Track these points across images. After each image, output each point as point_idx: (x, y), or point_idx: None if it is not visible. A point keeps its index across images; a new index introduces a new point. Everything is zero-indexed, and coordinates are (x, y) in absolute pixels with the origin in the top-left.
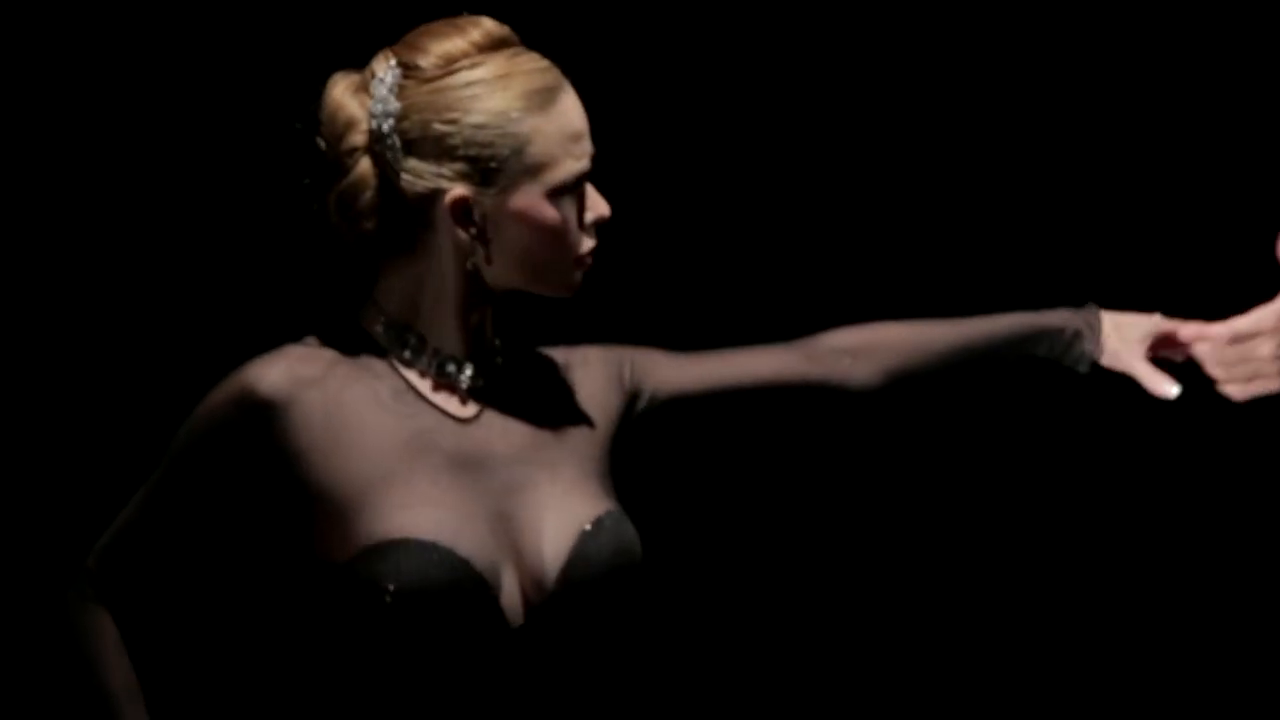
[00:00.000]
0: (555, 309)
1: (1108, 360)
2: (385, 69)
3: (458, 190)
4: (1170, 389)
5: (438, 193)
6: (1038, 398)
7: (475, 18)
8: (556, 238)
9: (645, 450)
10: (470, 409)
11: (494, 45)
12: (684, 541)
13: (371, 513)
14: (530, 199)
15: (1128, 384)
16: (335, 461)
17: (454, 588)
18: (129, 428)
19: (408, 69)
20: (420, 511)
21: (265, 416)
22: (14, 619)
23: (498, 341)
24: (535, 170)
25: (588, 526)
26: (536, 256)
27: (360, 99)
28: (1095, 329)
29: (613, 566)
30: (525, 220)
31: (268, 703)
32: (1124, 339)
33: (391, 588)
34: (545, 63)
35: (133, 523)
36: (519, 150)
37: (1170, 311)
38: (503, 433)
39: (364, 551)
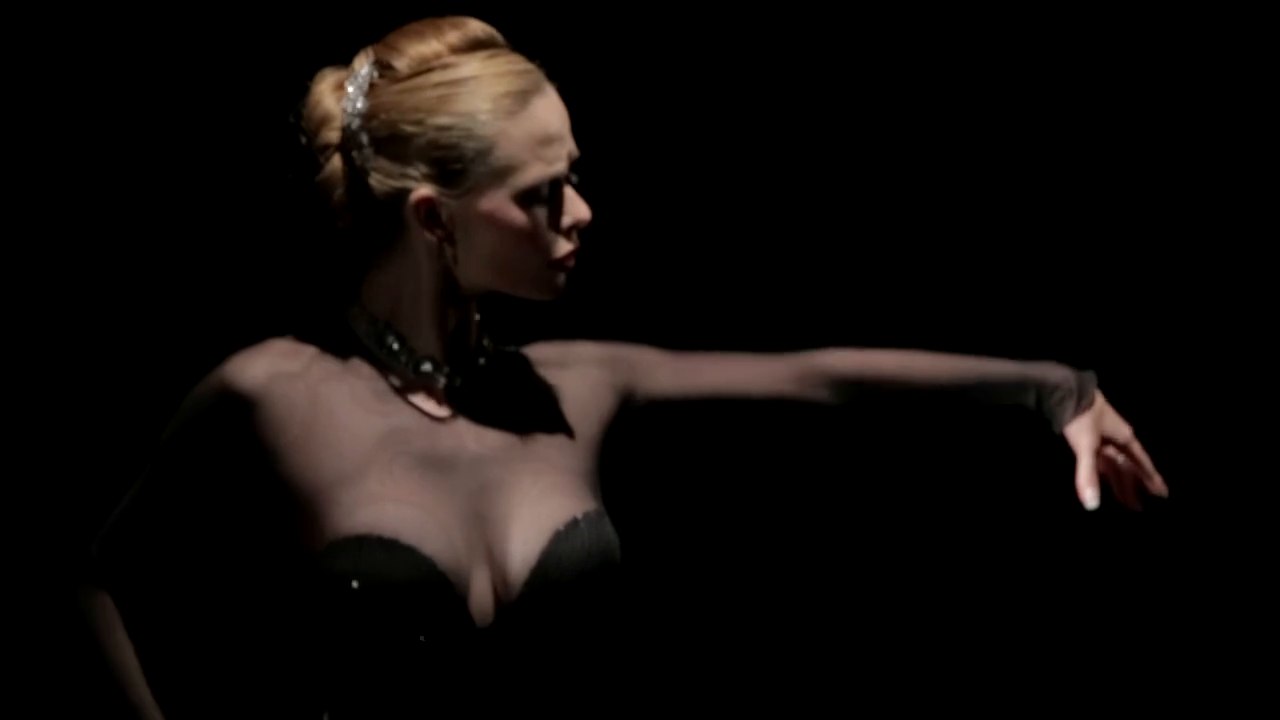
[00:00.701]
0: (546, 308)
1: (1071, 429)
2: (363, 68)
3: (422, 191)
4: (1092, 499)
5: (405, 193)
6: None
7: (459, 19)
8: (525, 241)
9: (635, 451)
10: (448, 408)
11: (471, 47)
12: (673, 544)
13: (341, 508)
14: (497, 202)
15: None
16: (310, 456)
17: (416, 585)
18: (130, 420)
19: (383, 68)
20: (387, 508)
21: (244, 410)
22: (24, 605)
23: (486, 340)
24: (502, 174)
25: (561, 527)
26: (507, 259)
27: (338, 96)
28: (1086, 397)
29: (587, 568)
30: (492, 223)
31: (250, 690)
32: (1093, 424)
33: (355, 583)
34: (523, 65)
35: (128, 512)
36: (484, 153)
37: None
38: (481, 432)
39: (330, 545)
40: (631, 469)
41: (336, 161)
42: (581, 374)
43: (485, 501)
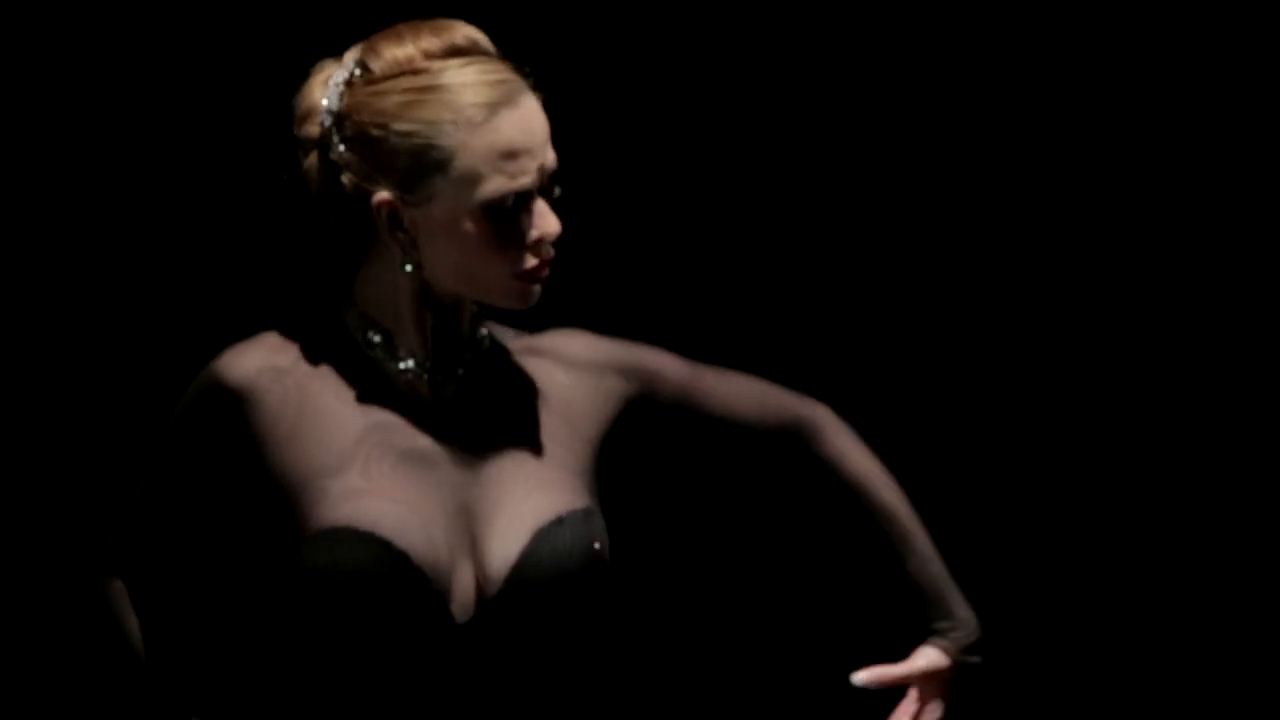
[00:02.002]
0: (546, 306)
1: (925, 649)
2: (347, 65)
3: (383, 195)
4: (859, 680)
5: (370, 194)
6: (1024, 406)
7: (446, 23)
8: (488, 253)
9: (633, 449)
10: (436, 403)
11: (447, 53)
12: (668, 543)
13: (324, 501)
14: (457, 213)
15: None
16: (297, 450)
17: (390, 579)
18: (144, 415)
19: (363, 69)
20: (366, 502)
21: (235, 403)
22: (48, 595)
23: (484, 331)
24: (462, 185)
25: (545, 524)
26: (469, 269)
27: (325, 91)
28: (963, 653)
29: (568, 567)
30: (453, 233)
31: (238, 684)
32: (939, 672)
33: (333, 576)
34: (499, 75)
35: (136, 505)
36: (444, 163)
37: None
38: (471, 427)
39: (311, 538)
40: (629, 466)
41: (314, 157)
42: (590, 374)
43: (472, 497)
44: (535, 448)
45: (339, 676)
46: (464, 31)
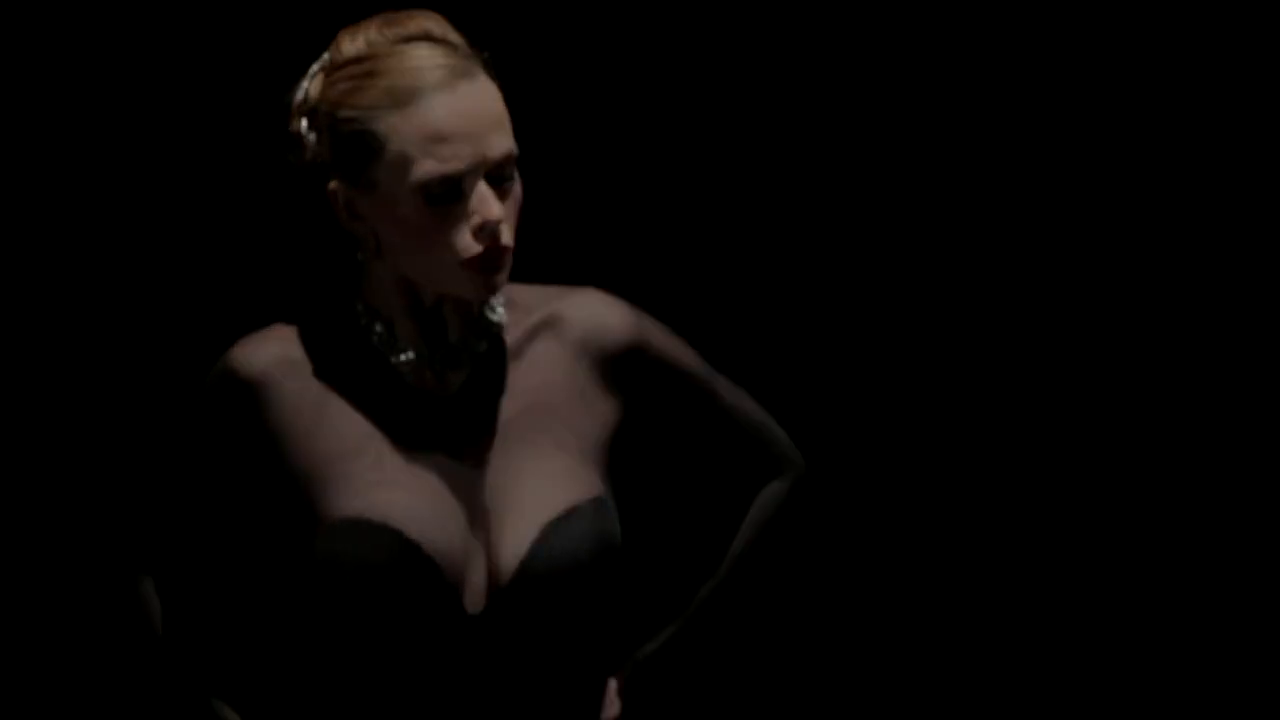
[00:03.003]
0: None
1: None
2: (323, 58)
3: (332, 183)
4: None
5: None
6: (1035, 404)
7: (404, 13)
8: (425, 240)
9: (638, 437)
10: (444, 394)
11: (395, 42)
12: (678, 530)
13: (337, 493)
14: (395, 199)
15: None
16: (310, 441)
17: (401, 570)
18: (163, 409)
19: (328, 61)
20: (378, 493)
21: (249, 396)
22: (89, 592)
23: (492, 314)
24: (395, 169)
25: (555, 517)
26: (416, 258)
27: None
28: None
29: (579, 559)
30: (393, 221)
31: (256, 671)
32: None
33: (345, 567)
34: (436, 61)
35: (157, 498)
36: (378, 148)
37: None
38: (481, 417)
39: (324, 530)
40: (641, 452)
41: (299, 149)
42: (607, 352)
43: (485, 487)
44: (548, 436)
45: (352, 665)
46: (419, 22)
